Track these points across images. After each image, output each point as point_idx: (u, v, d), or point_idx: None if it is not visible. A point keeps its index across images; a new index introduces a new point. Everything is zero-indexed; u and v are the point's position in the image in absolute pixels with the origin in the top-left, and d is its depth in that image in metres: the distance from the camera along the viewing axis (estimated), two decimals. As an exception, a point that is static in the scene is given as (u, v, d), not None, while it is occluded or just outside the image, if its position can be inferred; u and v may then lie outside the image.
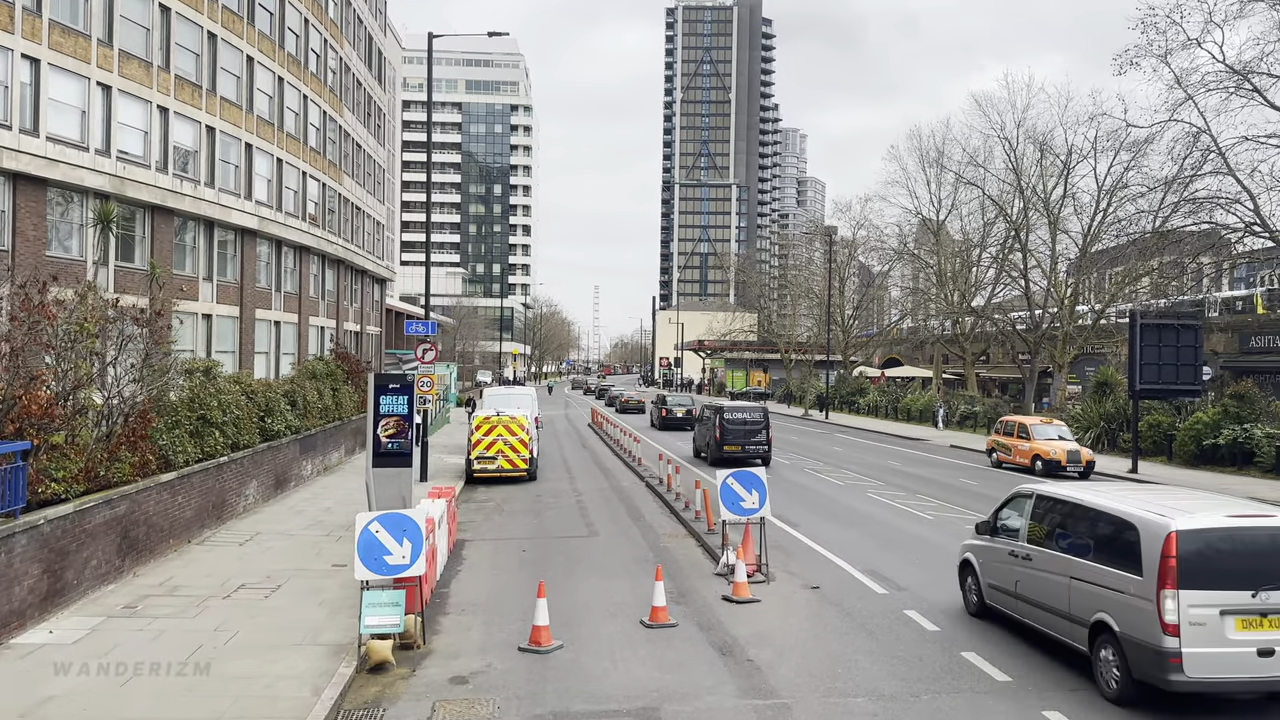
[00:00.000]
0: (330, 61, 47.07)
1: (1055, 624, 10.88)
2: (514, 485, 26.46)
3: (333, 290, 47.78)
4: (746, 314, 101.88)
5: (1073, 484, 13.98)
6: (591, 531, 19.42)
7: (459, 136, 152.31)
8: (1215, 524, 9.51)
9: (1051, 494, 11.66)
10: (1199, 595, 9.13)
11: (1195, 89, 24.37)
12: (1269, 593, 9.11)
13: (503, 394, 34.66)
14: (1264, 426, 31.85)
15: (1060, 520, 11.20)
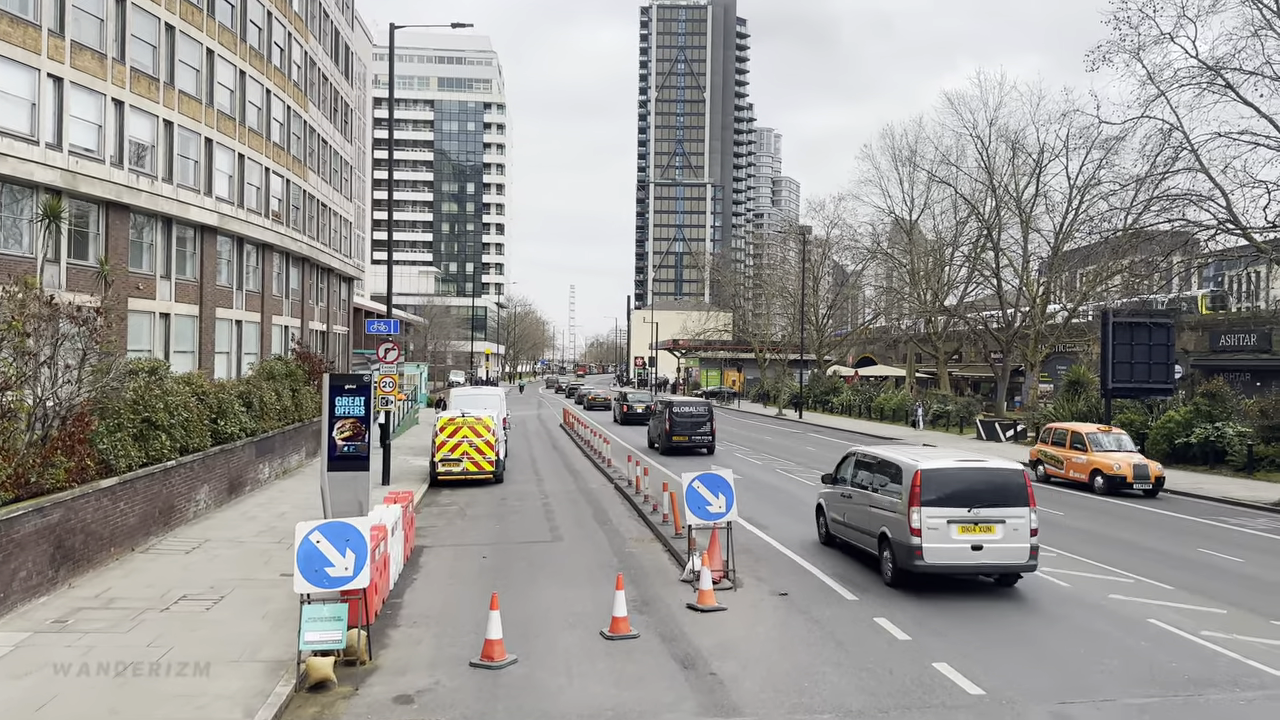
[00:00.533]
0: (295, 56, 46.13)
1: (863, 539, 15.69)
2: (480, 488, 25.83)
3: (297, 289, 46.84)
4: (721, 313, 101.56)
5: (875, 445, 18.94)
6: (556, 536, 18.85)
7: (431, 134, 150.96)
8: (946, 465, 14.31)
9: (863, 453, 16.64)
10: (933, 510, 13.81)
11: (1168, 84, 24.20)
12: (979, 509, 13.86)
13: (470, 394, 34.01)
14: (1235, 425, 31.80)
15: (866, 469, 16.02)
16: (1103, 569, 16.07)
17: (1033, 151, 54.85)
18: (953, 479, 13.99)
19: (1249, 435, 30.90)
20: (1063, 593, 14.31)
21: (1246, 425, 31.87)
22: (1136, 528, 20.93)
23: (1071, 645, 11.64)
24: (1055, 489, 27.84)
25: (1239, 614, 13.19)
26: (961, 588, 14.41)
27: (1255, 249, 23.92)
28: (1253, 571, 16.26)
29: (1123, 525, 21.26)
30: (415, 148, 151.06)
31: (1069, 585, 14.74)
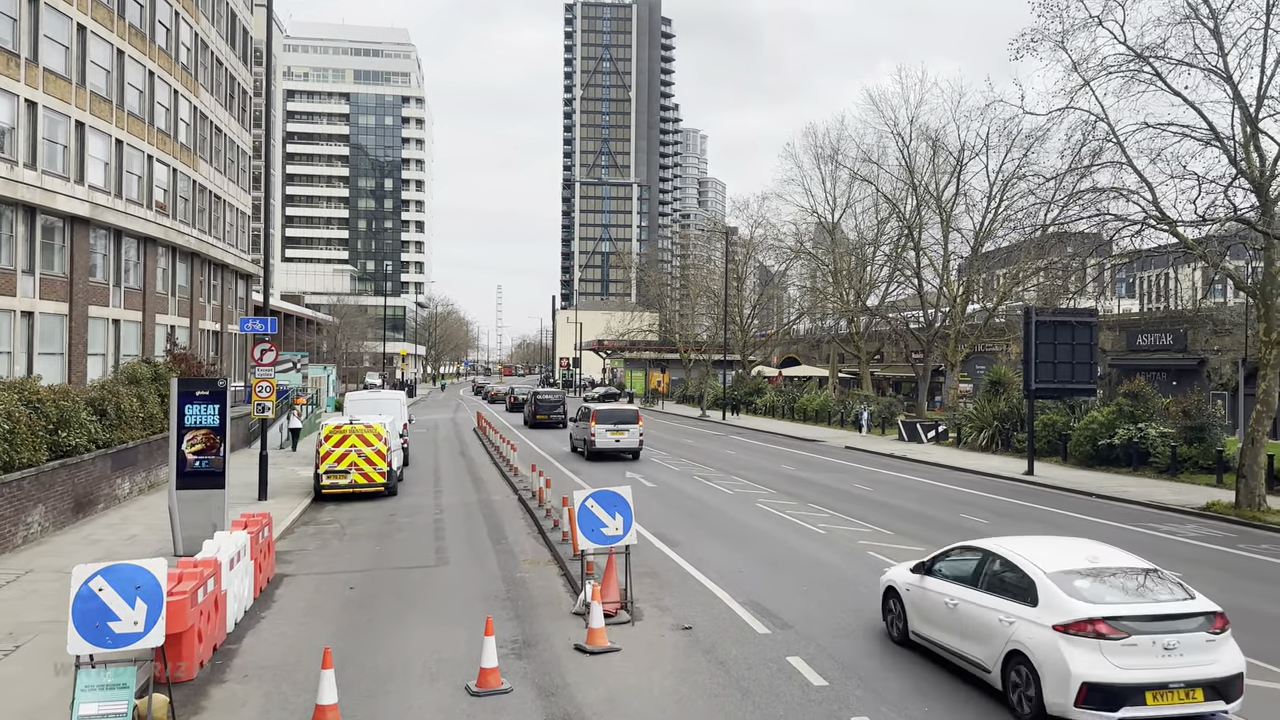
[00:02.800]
0: (183, 37, 42.98)
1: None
2: (368, 502, 23.62)
3: (186, 285, 43.67)
4: (646, 313, 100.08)
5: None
6: (441, 560, 16.84)
7: (347, 128, 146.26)
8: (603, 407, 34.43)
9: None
10: (602, 426, 33.11)
11: (1094, 72, 23.20)
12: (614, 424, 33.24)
13: (367, 399, 31.72)
14: (1158, 426, 31.27)
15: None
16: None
17: (953, 150, 54.60)
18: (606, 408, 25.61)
19: (1171, 436, 30.37)
20: (996, 619, 12.86)
21: (1169, 426, 31.38)
22: (1067, 536, 19.76)
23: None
24: (893, 474, 26.80)
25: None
26: (886, 615, 12.88)
27: (1183, 245, 23.06)
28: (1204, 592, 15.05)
29: (1052, 534, 20.08)
30: (330, 141, 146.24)
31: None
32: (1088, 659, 8.67)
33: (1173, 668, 8.73)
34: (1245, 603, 14.11)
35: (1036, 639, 9.09)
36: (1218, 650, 9.00)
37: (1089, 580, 9.43)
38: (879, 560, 16.55)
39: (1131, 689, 8.58)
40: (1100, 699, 8.57)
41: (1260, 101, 21.50)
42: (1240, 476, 22.26)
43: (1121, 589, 9.43)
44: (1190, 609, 9.20)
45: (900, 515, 22.23)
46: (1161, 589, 9.57)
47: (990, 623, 9.77)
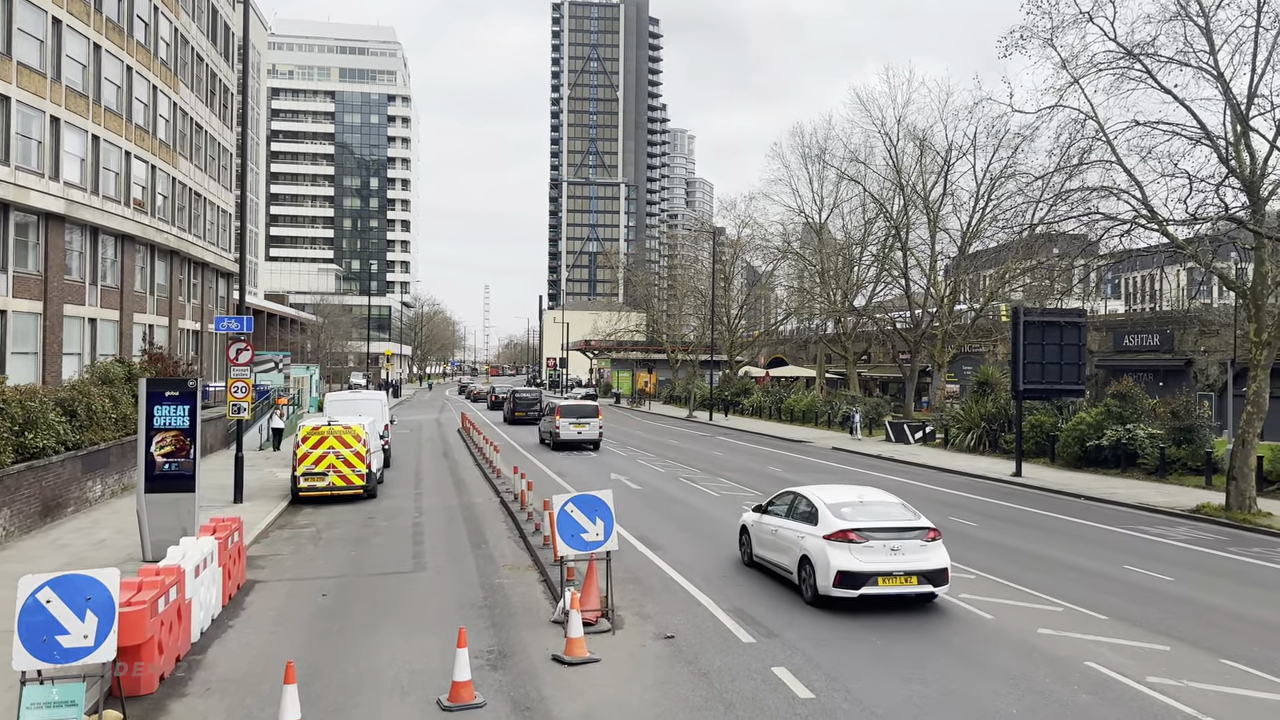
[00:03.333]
0: (163, 32, 42.34)
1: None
2: (347, 505, 23.15)
3: (165, 284, 43.01)
4: (633, 313, 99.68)
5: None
6: (418, 565, 16.39)
7: (332, 126, 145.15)
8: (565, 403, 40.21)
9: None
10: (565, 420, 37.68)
11: (1084, 69, 22.92)
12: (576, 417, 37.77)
13: (347, 399, 31.22)
14: (1145, 427, 31.07)
15: None
16: (1027, 594, 14.41)
17: (941, 150, 54.44)
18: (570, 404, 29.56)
19: (1160, 438, 30.17)
20: (986, 627, 12.53)
21: (1157, 427, 31.19)
22: (1058, 540, 19.51)
23: (1006, 700, 9.80)
24: (854, 471, 26.52)
25: (1184, 651, 11.57)
26: (875, 623, 12.52)
27: (1173, 245, 22.81)
28: (1187, 593, 14.80)
29: (1042, 538, 19.83)
30: (315, 140, 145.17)
31: (992, 617, 12.98)
32: (841, 556, 12.99)
33: (897, 562, 12.96)
34: (1241, 609, 13.81)
35: (815, 546, 13.36)
36: (930, 552, 13.18)
37: (851, 508, 13.65)
38: (867, 565, 16.20)
39: (868, 575, 12.83)
40: (848, 582, 12.85)
41: (1251, 99, 21.28)
42: (1230, 479, 22.02)
43: (871, 514, 13.56)
44: (912, 524, 13.42)
45: (888, 518, 21.88)
46: (897, 513, 13.74)
47: (793, 539, 14.05)
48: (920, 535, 13.23)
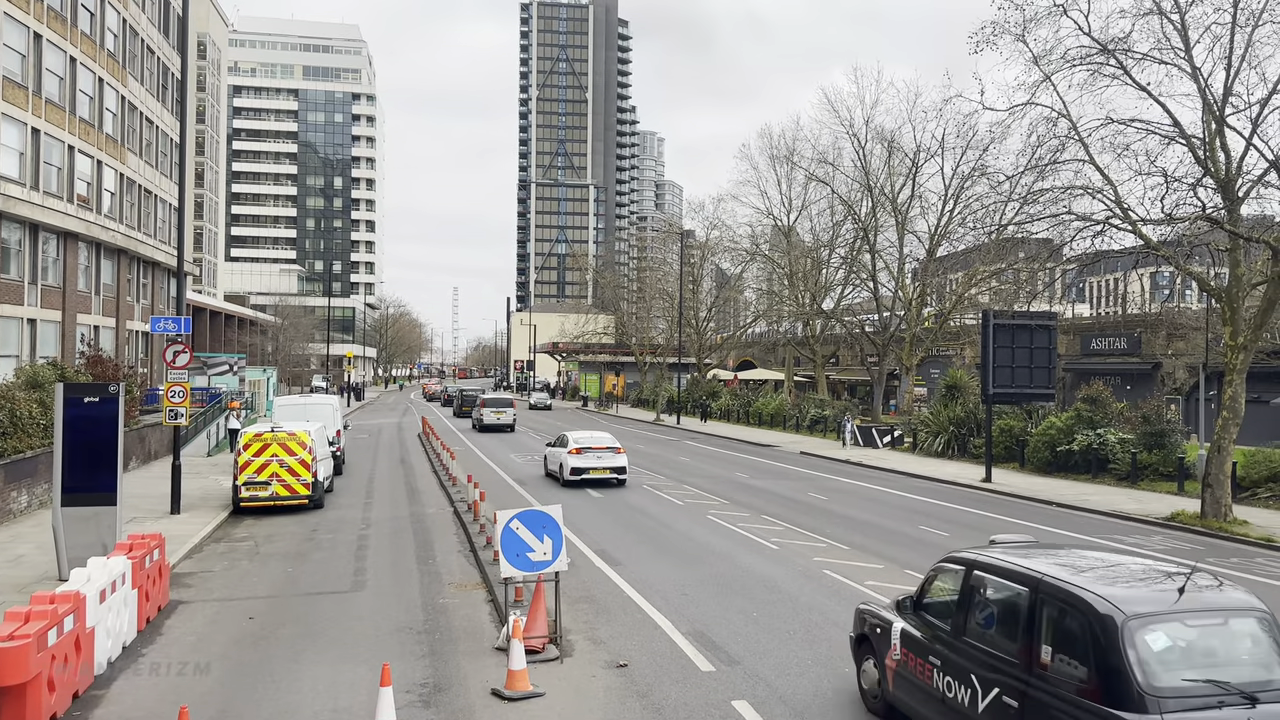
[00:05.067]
0: (110, 22, 40.78)
1: None
2: (291, 516, 21.97)
3: (111, 284, 41.45)
4: (601, 316, 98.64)
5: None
6: (357, 584, 15.33)
7: (295, 125, 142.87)
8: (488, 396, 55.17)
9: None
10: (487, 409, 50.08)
11: (1057, 65, 22.33)
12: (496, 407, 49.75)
13: (296, 404, 29.98)
14: (1116, 432, 30.62)
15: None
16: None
17: (909, 152, 54.06)
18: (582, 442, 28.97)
19: (1131, 443, 29.72)
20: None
21: (1127, 431, 30.75)
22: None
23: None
24: (844, 480, 25.81)
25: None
26: (844, 654, 11.67)
27: (1147, 247, 22.26)
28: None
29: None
30: (278, 139, 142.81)
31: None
32: (574, 460, 27.24)
33: (600, 462, 27.41)
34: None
35: (565, 458, 27.51)
36: (617, 458, 27.68)
37: (582, 436, 28.72)
38: (835, 580, 15.37)
39: (586, 469, 27.22)
40: (575, 471, 27.15)
41: (1226, 97, 20.76)
42: (1206, 486, 21.49)
43: (591, 440, 28.31)
44: (610, 444, 28.06)
45: (856, 528, 21.14)
46: (605, 440, 28.42)
47: (561, 456, 28.12)
48: (612, 446, 28.09)
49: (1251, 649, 6.70)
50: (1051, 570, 7.32)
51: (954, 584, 8.27)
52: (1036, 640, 7.02)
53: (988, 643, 7.56)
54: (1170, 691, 6.22)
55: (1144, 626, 6.47)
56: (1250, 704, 6.21)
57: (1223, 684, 6.30)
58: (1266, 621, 6.78)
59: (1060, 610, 6.91)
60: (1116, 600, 6.65)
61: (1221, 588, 7.13)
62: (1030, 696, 6.88)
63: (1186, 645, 6.61)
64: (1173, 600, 6.74)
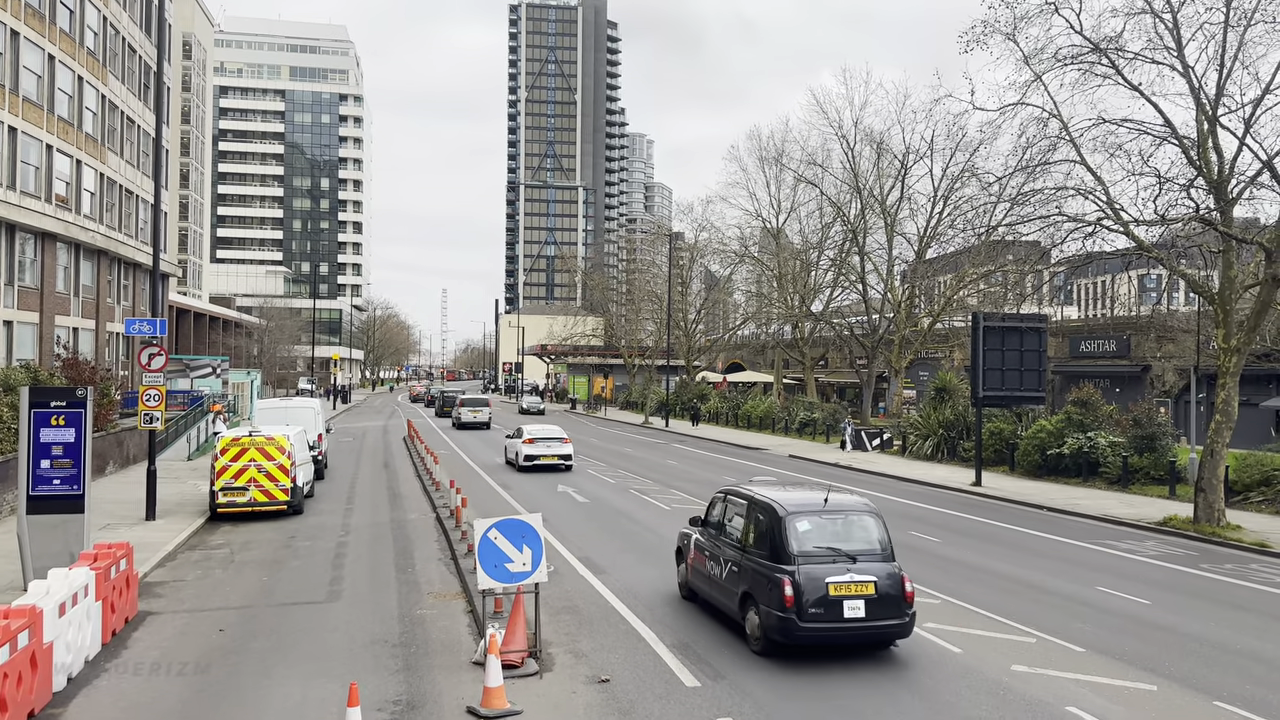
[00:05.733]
0: (90, 20, 40.21)
1: None
2: (269, 522, 21.51)
3: (91, 285, 40.86)
4: (590, 318, 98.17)
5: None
6: (333, 594, 14.89)
7: (282, 126, 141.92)
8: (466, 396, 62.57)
9: None
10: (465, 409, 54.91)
11: (1048, 64, 22.05)
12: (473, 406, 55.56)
13: (277, 407, 29.48)
14: (1107, 435, 30.38)
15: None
16: (997, 622, 13.31)
17: (898, 153, 53.85)
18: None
19: (1122, 446, 29.49)
20: (955, 664, 11.37)
21: (1118, 435, 30.53)
22: (1024, 558, 18.51)
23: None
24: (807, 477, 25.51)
25: (1173, 691, 10.49)
26: (836, 661, 11.30)
27: (1139, 249, 21.99)
28: (1166, 619, 13.81)
29: (1007, 555, 18.82)
30: (264, 139, 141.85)
31: (960, 650, 11.83)
32: (527, 449, 31.90)
33: (548, 449, 32.00)
34: (1225, 638, 12.80)
35: (520, 446, 32.21)
36: (564, 446, 32.40)
37: (535, 429, 33.08)
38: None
39: (537, 455, 31.80)
40: (529, 459, 31.77)
41: (1219, 96, 20.51)
42: (1199, 490, 21.23)
43: (544, 432, 32.81)
44: (559, 435, 32.88)
45: (846, 533, 20.78)
46: (554, 432, 32.99)
47: (517, 445, 32.78)
48: (560, 438, 32.45)
49: (861, 533, 11.61)
50: (760, 492, 12.52)
51: (719, 506, 13.31)
52: (748, 530, 12.07)
53: (729, 536, 12.65)
54: (806, 554, 11.14)
55: (796, 518, 11.43)
56: (852, 561, 11.20)
57: (837, 550, 11.27)
58: (874, 517, 11.88)
59: (760, 512, 11.93)
60: (785, 504, 11.70)
61: (851, 496, 12.75)
62: (743, 564, 11.91)
63: (820, 528, 11.46)
64: (819, 504, 11.80)
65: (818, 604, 10.73)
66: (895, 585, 11.08)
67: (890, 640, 11.38)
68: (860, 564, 11.09)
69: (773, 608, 10.89)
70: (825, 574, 10.88)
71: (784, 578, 10.87)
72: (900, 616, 11.02)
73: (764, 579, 11.18)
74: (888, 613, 10.92)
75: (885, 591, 10.97)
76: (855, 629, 10.85)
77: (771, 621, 10.93)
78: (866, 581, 10.93)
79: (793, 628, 10.74)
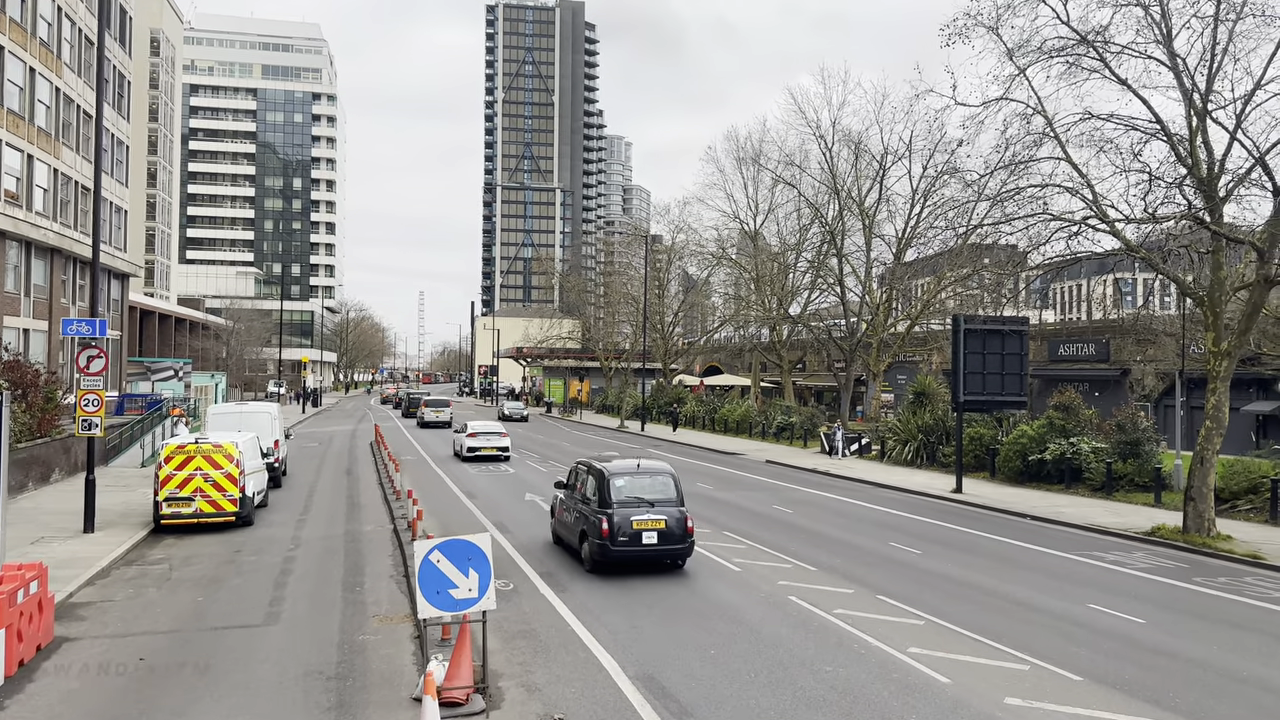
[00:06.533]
0: (41, 9, 38.77)
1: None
2: (216, 534, 20.32)
3: (43, 285, 39.39)
4: (567, 320, 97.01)
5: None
6: (271, 617, 13.77)
7: (254, 125, 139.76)
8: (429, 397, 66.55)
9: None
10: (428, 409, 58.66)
11: (1033, 57, 21.23)
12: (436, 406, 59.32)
13: (231, 412, 28.22)
14: (1090, 441, 29.67)
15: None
16: (987, 646, 12.40)
17: (877, 154, 53.23)
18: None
19: (1105, 451, 28.78)
20: (943, 696, 10.43)
21: (1101, 440, 29.83)
22: (1011, 572, 17.65)
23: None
24: (794, 487, 24.60)
25: (1179, 725, 9.61)
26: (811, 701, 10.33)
27: (1126, 249, 21.22)
28: (1164, 641, 12.95)
29: (993, 569, 17.95)
30: (235, 139, 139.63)
31: (949, 680, 10.88)
32: (470, 441, 36.68)
33: (490, 441, 36.81)
34: (1228, 663, 11.92)
35: (465, 439, 37.04)
36: (503, 439, 36.98)
37: (478, 425, 38.33)
38: (801, 609, 14.07)
39: (479, 448, 36.38)
40: (471, 449, 36.44)
41: (1209, 90, 19.77)
42: (1189, 499, 20.47)
43: (485, 428, 37.70)
44: (500, 429, 37.95)
45: (824, 545, 19.88)
46: (495, 428, 38.09)
47: (462, 439, 37.72)
48: (499, 433, 37.19)
49: (661, 488, 16.25)
50: (597, 461, 17.18)
51: (575, 474, 17.90)
52: (586, 486, 16.85)
53: (578, 494, 17.31)
54: (621, 502, 15.75)
55: (616, 477, 16.09)
56: (651, 506, 15.79)
57: (642, 499, 15.84)
58: (671, 477, 16.54)
59: (595, 475, 16.52)
60: (610, 468, 16.36)
61: (657, 463, 17.42)
62: (583, 511, 16.56)
63: (631, 484, 16.13)
64: (634, 469, 16.58)
65: (625, 535, 15.66)
66: (680, 523, 15.99)
67: (675, 559, 16.35)
68: (657, 508, 15.93)
69: (596, 539, 15.84)
70: (631, 514, 15.77)
71: (604, 517, 15.82)
72: (682, 543, 16.03)
73: (594, 520, 16.07)
74: (674, 541, 15.92)
75: (672, 527, 15.90)
76: (650, 551, 15.86)
77: (594, 548, 15.92)
78: (660, 519, 15.86)
79: (608, 551, 15.74)
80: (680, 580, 15.99)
